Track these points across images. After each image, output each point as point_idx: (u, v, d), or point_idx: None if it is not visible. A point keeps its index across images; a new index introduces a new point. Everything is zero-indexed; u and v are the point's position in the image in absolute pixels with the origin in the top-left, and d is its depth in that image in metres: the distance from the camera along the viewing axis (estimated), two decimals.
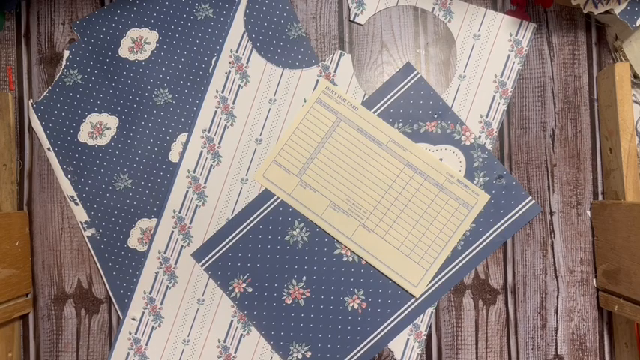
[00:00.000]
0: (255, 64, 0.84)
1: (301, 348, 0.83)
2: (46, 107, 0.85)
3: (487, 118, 0.83)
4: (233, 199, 0.84)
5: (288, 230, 0.83)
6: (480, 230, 0.82)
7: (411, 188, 0.83)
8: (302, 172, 0.83)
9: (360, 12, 0.84)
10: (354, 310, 0.83)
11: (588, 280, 0.84)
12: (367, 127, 0.83)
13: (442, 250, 0.82)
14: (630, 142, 0.78)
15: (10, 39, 0.87)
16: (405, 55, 0.85)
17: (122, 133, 0.85)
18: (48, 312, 0.86)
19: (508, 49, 0.83)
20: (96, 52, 0.85)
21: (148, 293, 0.84)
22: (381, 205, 0.83)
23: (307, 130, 0.83)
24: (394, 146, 0.83)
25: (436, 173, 0.82)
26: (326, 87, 0.83)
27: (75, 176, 0.85)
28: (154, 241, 0.84)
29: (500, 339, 0.84)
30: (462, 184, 0.82)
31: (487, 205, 0.82)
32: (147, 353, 0.84)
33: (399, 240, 0.82)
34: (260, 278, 0.83)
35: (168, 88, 0.85)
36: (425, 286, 0.82)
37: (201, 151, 0.84)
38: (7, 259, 0.80)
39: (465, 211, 0.82)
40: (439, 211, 0.82)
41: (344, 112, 0.83)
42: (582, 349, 0.84)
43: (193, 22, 0.85)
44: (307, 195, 0.83)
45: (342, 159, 0.83)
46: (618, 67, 0.79)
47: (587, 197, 0.84)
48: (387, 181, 0.83)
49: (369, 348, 0.83)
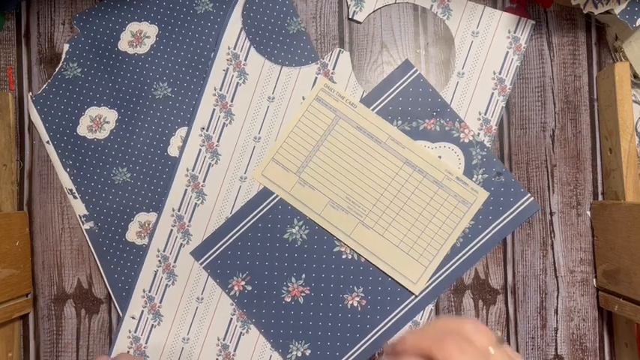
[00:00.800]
0: (254, 61, 0.84)
1: (301, 346, 0.83)
2: (45, 100, 0.85)
3: (486, 115, 0.83)
4: (232, 197, 0.84)
5: (287, 228, 0.83)
6: (479, 227, 0.82)
7: (410, 185, 0.82)
8: (301, 170, 0.83)
9: (358, 9, 0.84)
10: (353, 307, 0.83)
11: (588, 281, 0.84)
12: (366, 125, 0.83)
13: (441, 247, 0.82)
14: (630, 142, 0.78)
15: (10, 39, 0.87)
16: (405, 55, 0.85)
17: (121, 127, 0.85)
18: (48, 312, 0.86)
19: (506, 46, 0.83)
20: (95, 46, 0.85)
21: (147, 292, 0.84)
22: (380, 203, 0.83)
23: (306, 127, 0.83)
24: (393, 144, 0.83)
25: (435, 170, 0.82)
26: (324, 85, 0.83)
27: (74, 169, 0.85)
28: (153, 239, 0.84)
29: None
30: (460, 182, 0.82)
31: (486, 202, 0.82)
32: (146, 352, 0.84)
33: (398, 237, 0.82)
34: (259, 276, 0.83)
35: (168, 82, 0.85)
36: (424, 284, 0.82)
37: (200, 149, 0.84)
38: (7, 259, 0.80)
39: (464, 208, 0.82)
40: (438, 208, 0.82)
41: (342, 110, 0.83)
42: (582, 350, 0.84)
43: (193, 16, 0.85)
44: (306, 193, 0.83)
45: (340, 157, 0.83)
46: (618, 67, 0.79)
47: (587, 197, 0.84)
48: (385, 178, 0.83)
49: (369, 345, 0.82)
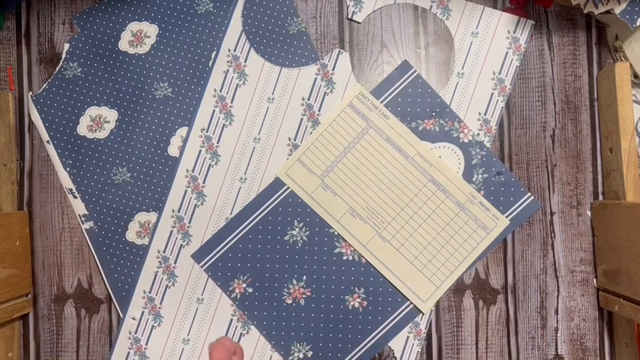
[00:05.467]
0: (254, 63, 0.84)
1: (302, 348, 0.83)
2: (46, 100, 0.85)
3: (485, 115, 0.83)
4: (232, 198, 0.84)
5: (288, 230, 0.83)
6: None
7: (432, 204, 0.82)
8: (325, 175, 0.83)
9: (357, 10, 0.84)
10: (354, 309, 0.83)
11: (588, 280, 0.84)
12: (396, 138, 0.83)
13: (455, 269, 0.82)
14: (630, 142, 0.78)
15: (10, 39, 0.87)
16: (406, 55, 0.85)
17: (121, 127, 0.85)
18: (48, 312, 0.86)
19: (506, 46, 0.83)
20: (96, 45, 0.85)
21: (147, 293, 0.84)
22: (400, 217, 0.83)
23: (335, 133, 0.83)
24: (420, 160, 0.82)
25: (459, 192, 0.82)
26: (360, 92, 0.83)
27: (74, 169, 0.85)
28: (153, 240, 0.84)
29: (501, 339, 0.84)
30: (483, 206, 0.82)
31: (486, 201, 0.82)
32: (147, 353, 0.84)
33: (413, 254, 0.82)
34: (260, 278, 0.83)
35: (168, 82, 0.85)
36: (433, 303, 0.83)
37: (200, 150, 0.84)
38: (7, 259, 0.80)
39: (483, 234, 0.82)
40: (457, 230, 0.82)
41: (374, 120, 0.83)
42: (582, 349, 0.84)
43: (193, 16, 0.85)
44: (327, 197, 0.83)
45: (366, 166, 0.83)
46: (618, 67, 0.78)
47: (587, 197, 0.84)
48: (408, 193, 0.83)
49: (371, 346, 0.82)
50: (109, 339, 0.86)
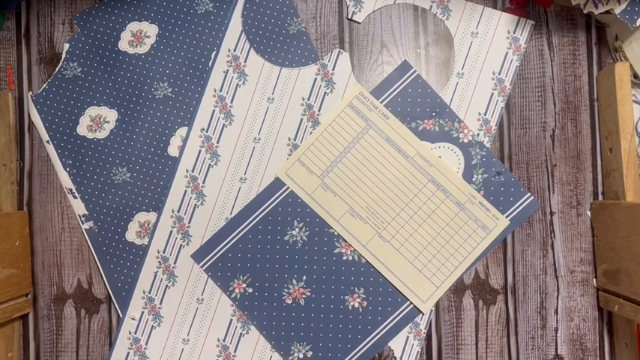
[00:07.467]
0: (254, 63, 0.84)
1: (302, 348, 0.83)
2: (46, 100, 0.85)
3: (485, 115, 0.83)
4: (232, 198, 0.84)
5: (288, 230, 0.83)
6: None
7: (432, 204, 0.82)
8: (325, 175, 0.83)
9: (357, 10, 0.84)
10: (354, 309, 0.83)
11: (588, 280, 0.84)
12: (396, 138, 0.83)
13: (455, 269, 0.82)
14: (630, 142, 0.78)
15: (10, 39, 0.87)
16: (406, 55, 0.85)
17: (121, 127, 0.85)
18: (48, 312, 0.86)
19: (506, 46, 0.83)
20: (96, 45, 0.85)
21: (147, 293, 0.84)
22: (400, 217, 0.83)
23: (335, 133, 0.83)
24: (420, 160, 0.82)
25: (459, 192, 0.82)
26: (359, 92, 0.83)
27: (74, 169, 0.85)
28: (152, 240, 0.84)
29: (501, 339, 0.84)
30: (483, 207, 0.82)
31: (486, 201, 0.82)
32: (147, 353, 0.84)
33: (413, 254, 0.82)
34: (260, 278, 0.83)
35: (168, 82, 0.85)
36: (433, 303, 0.83)
37: (200, 150, 0.84)
38: (7, 259, 0.80)
39: (483, 234, 0.82)
40: (457, 230, 0.82)
41: (374, 120, 0.83)
42: (582, 350, 0.84)
43: (193, 16, 0.85)
44: (327, 198, 0.83)
45: (366, 166, 0.83)
46: (618, 67, 0.79)
47: (587, 197, 0.84)
48: (408, 193, 0.83)
49: (371, 346, 0.82)
50: (109, 339, 0.86)
